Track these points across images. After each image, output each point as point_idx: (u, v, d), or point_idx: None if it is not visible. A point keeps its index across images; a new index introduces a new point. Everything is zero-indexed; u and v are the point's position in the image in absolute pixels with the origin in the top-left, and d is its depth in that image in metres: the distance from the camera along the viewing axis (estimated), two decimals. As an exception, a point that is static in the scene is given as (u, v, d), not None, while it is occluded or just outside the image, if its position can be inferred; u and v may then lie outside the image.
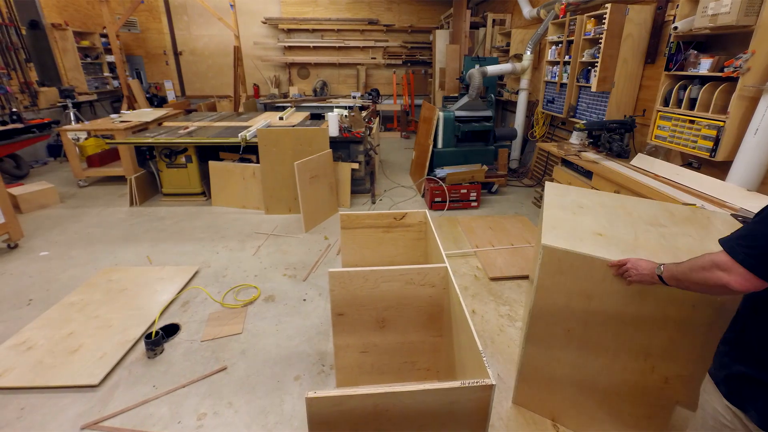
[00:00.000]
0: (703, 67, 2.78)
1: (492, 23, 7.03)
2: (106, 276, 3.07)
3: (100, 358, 2.23)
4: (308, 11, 9.07)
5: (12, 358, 2.22)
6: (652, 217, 1.89)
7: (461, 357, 1.59)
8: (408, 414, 1.20)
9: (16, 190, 4.38)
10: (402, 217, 2.45)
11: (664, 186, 2.88)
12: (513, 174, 5.78)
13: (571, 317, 1.63)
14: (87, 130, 5.15)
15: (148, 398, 2.00)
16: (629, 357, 1.62)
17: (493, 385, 1.18)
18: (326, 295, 2.92)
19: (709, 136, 2.70)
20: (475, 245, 3.58)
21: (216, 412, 1.94)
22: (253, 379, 2.14)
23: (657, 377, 1.62)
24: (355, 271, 1.79)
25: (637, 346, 1.59)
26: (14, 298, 2.85)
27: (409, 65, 9.49)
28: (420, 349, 2.03)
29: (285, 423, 1.89)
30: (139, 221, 4.20)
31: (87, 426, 1.85)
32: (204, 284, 3.03)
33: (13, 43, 6.03)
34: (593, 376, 1.71)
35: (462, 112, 4.95)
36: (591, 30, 4.02)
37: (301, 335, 2.50)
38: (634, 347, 1.59)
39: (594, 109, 4.21)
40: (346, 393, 1.12)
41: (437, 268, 1.84)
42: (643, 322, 1.54)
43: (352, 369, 2.03)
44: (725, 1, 2.43)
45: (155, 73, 9.34)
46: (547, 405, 1.88)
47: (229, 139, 4.41)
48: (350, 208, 4.60)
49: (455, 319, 1.69)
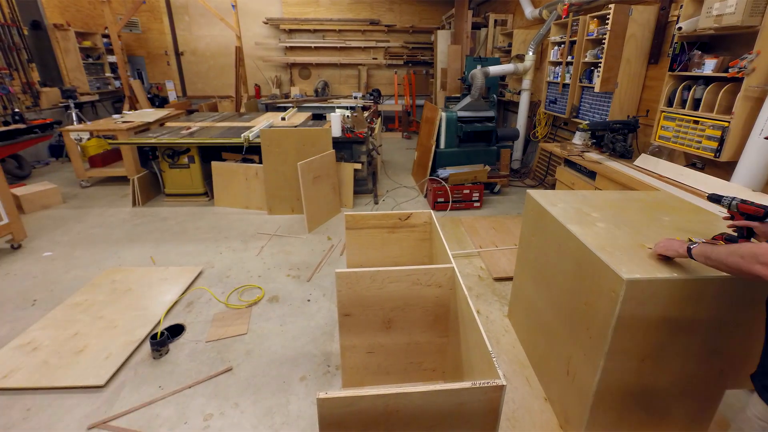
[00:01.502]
0: (707, 68, 2.78)
1: (494, 24, 7.03)
2: (110, 276, 3.07)
3: (106, 359, 2.23)
4: (309, 11, 9.07)
5: (17, 359, 2.22)
6: (648, 208, 1.96)
7: (469, 357, 1.59)
8: (418, 414, 1.20)
9: (19, 191, 4.38)
10: (407, 218, 2.45)
11: (668, 186, 2.88)
12: (515, 174, 5.78)
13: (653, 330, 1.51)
14: (90, 130, 5.15)
15: (155, 399, 2.00)
16: (694, 360, 1.57)
17: (504, 386, 1.18)
18: (330, 295, 2.92)
19: (714, 137, 2.70)
20: (478, 245, 3.58)
21: (222, 412, 1.94)
22: (259, 380, 2.14)
23: (713, 372, 1.59)
24: (362, 272, 1.79)
25: (706, 350, 1.55)
26: (18, 298, 2.85)
27: (411, 66, 9.49)
28: (426, 349, 2.03)
29: (292, 424, 1.89)
30: (142, 222, 4.20)
31: (94, 426, 1.84)
32: (208, 285, 3.03)
33: (15, 44, 6.03)
34: (654, 382, 1.61)
35: (464, 112, 4.95)
36: (594, 30, 4.02)
37: (305, 336, 2.50)
38: (703, 351, 1.55)
39: (597, 109, 4.21)
40: (357, 394, 1.12)
41: (444, 268, 1.84)
42: (716, 327, 1.51)
43: (358, 369, 2.03)
44: (730, 2, 2.43)
45: (156, 74, 9.35)
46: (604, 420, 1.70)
47: (231, 140, 4.41)
48: (353, 209, 4.60)
49: (462, 319, 1.69)
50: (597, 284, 1.54)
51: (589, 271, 1.60)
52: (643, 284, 1.39)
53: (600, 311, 1.53)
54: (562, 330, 1.84)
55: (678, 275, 1.41)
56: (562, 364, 1.83)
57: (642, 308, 1.43)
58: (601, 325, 1.51)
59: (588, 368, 1.61)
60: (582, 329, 1.65)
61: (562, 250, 1.85)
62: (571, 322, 1.75)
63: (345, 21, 9.06)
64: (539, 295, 2.12)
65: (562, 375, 1.83)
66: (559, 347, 1.88)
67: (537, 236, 2.15)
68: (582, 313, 1.65)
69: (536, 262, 2.17)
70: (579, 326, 1.68)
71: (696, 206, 2.07)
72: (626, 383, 1.58)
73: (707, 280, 1.41)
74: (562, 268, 1.84)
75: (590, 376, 1.58)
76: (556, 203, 2.08)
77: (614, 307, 1.43)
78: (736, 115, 2.54)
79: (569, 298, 1.78)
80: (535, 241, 2.17)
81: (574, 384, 1.73)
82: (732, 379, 1.61)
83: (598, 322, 1.54)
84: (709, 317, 1.49)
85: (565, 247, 1.80)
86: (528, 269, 2.29)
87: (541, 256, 2.10)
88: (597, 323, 1.55)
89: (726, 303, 1.46)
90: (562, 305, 1.86)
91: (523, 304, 2.39)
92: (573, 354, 1.74)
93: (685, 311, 1.46)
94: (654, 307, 1.44)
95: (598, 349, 1.53)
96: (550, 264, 1.98)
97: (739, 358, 1.56)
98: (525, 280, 2.34)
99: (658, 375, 1.58)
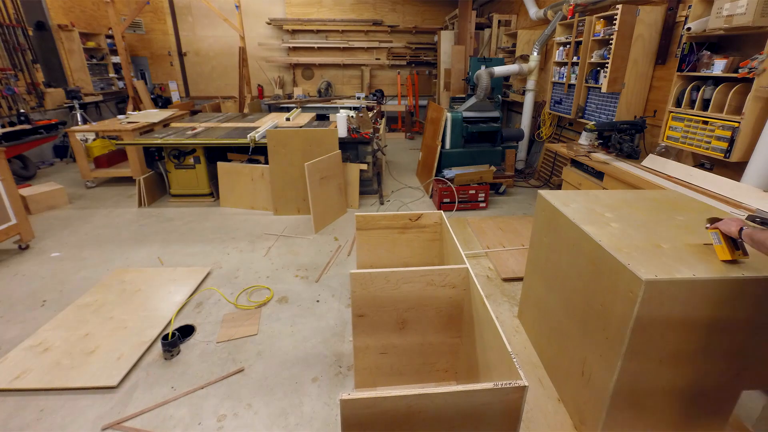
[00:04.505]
0: (717, 68, 2.78)
1: (497, 24, 7.03)
2: (119, 277, 3.07)
3: (118, 360, 2.23)
4: (313, 12, 9.08)
5: (29, 360, 2.22)
6: (661, 208, 1.97)
7: (485, 358, 1.58)
8: (440, 415, 1.20)
9: (25, 191, 4.38)
10: (417, 218, 2.45)
11: (677, 187, 2.87)
12: (519, 175, 5.78)
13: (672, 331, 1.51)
14: (95, 131, 5.15)
15: (168, 399, 2.00)
16: (712, 361, 1.57)
17: (526, 386, 1.18)
18: (339, 296, 2.92)
19: (724, 137, 2.70)
20: (486, 246, 3.58)
21: (236, 413, 1.94)
22: (271, 381, 2.14)
23: (731, 372, 1.59)
24: (376, 272, 1.79)
25: (726, 351, 1.55)
26: (28, 299, 2.85)
27: (414, 66, 9.50)
28: (439, 350, 2.03)
29: (305, 424, 1.89)
30: (148, 222, 4.20)
31: (108, 427, 1.84)
32: (217, 285, 3.03)
33: (20, 44, 6.03)
34: (672, 383, 1.61)
35: (470, 112, 4.95)
36: (600, 31, 4.01)
37: (316, 336, 2.50)
38: (723, 352, 1.55)
39: (603, 109, 4.20)
40: (380, 395, 1.12)
41: (458, 269, 1.84)
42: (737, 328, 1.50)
43: (371, 370, 2.02)
44: (741, 2, 2.43)
45: (160, 74, 9.35)
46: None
47: (237, 140, 4.41)
48: (359, 209, 4.60)
49: (478, 319, 1.68)
50: (614, 285, 1.54)
51: (606, 272, 1.60)
52: (661, 285, 1.39)
53: (617, 312, 1.53)
54: (576, 331, 1.84)
55: (697, 275, 1.41)
56: (577, 365, 1.83)
57: (661, 309, 1.43)
58: (619, 326, 1.51)
59: (605, 369, 1.60)
60: (598, 330, 1.65)
61: (576, 250, 1.84)
62: (586, 323, 1.75)
63: (348, 21, 9.06)
64: (551, 295, 2.12)
65: (577, 376, 1.83)
66: (572, 348, 1.88)
67: (549, 237, 2.15)
68: (598, 313, 1.65)
69: (548, 263, 2.16)
70: (594, 327, 1.68)
71: (708, 205, 2.07)
72: (644, 384, 1.58)
73: (728, 280, 1.41)
74: (577, 269, 1.84)
75: (607, 378, 1.58)
76: (568, 203, 2.08)
77: (632, 308, 1.43)
78: (746, 115, 2.54)
79: (584, 299, 1.77)
80: (547, 242, 2.17)
81: (589, 385, 1.73)
82: (749, 380, 1.61)
83: (615, 323, 1.53)
84: (730, 317, 1.48)
85: (579, 247, 1.80)
86: (539, 270, 2.29)
87: (553, 256, 2.10)
88: (614, 324, 1.54)
89: (749, 303, 1.46)
90: (576, 306, 1.85)
91: (534, 305, 2.39)
92: (588, 355, 1.73)
93: (706, 312, 1.46)
94: (673, 308, 1.44)
95: (615, 351, 1.53)
96: (563, 265, 1.98)
97: (759, 359, 1.56)
98: (536, 280, 2.34)
99: (676, 376, 1.58)
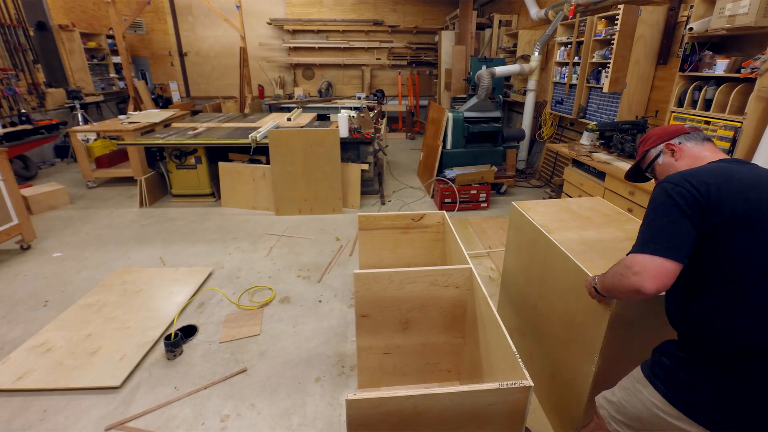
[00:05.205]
0: (719, 68, 2.78)
1: (498, 24, 7.03)
2: (121, 277, 3.07)
3: (120, 360, 2.23)
4: (313, 12, 9.08)
5: (32, 360, 2.22)
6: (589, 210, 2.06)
7: (489, 358, 1.58)
8: (445, 416, 1.20)
9: (26, 191, 4.38)
10: (420, 218, 2.45)
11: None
12: (521, 175, 5.78)
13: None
14: (96, 131, 5.16)
15: (171, 399, 2.00)
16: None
17: (531, 386, 1.18)
18: (341, 296, 2.92)
19: (726, 137, 2.70)
20: (487, 246, 3.58)
21: (239, 413, 1.94)
22: (274, 381, 2.14)
23: None
24: (380, 273, 1.79)
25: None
26: (30, 299, 2.85)
27: (414, 66, 9.50)
28: (442, 350, 2.03)
29: (309, 425, 1.89)
30: (149, 222, 4.20)
31: (112, 427, 1.84)
32: (219, 285, 3.03)
33: (21, 44, 6.04)
34: None
35: (471, 113, 4.95)
36: (602, 31, 4.02)
37: (318, 337, 2.50)
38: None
39: (605, 109, 4.20)
40: (386, 395, 1.12)
41: (461, 269, 1.84)
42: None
43: (374, 371, 2.02)
44: (743, 2, 2.43)
45: (160, 74, 9.36)
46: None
47: (239, 140, 4.41)
48: (360, 210, 4.60)
49: (482, 320, 1.68)
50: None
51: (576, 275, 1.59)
52: None
53: (591, 315, 1.51)
54: (551, 331, 1.84)
55: None
56: (550, 367, 1.84)
57: (633, 309, 1.42)
58: (593, 329, 1.49)
59: (581, 371, 1.60)
60: (573, 333, 1.65)
61: (542, 256, 1.86)
62: (562, 324, 1.74)
63: (349, 22, 9.06)
64: (528, 296, 2.12)
65: (553, 377, 1.84)
66: (548, 349, 1.88)
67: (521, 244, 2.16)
68: (572, 315, 1.65)
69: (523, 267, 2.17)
70: (569, 329, 1.67)
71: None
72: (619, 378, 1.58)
73: None
74: (550, 272, 1.84)
75: (584, 379, 1.57)
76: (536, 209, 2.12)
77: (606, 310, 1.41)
78: (748, 115, 2.54)
79: (558, 300, 1.77)
80: (517, 247, 2.19)
81: (566, 386, 1.73)
82: None
83: (590, 326, 1.52)
84: None
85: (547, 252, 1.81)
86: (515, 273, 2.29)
87: (525, 262, 2.11)
88: (588, 327, 1.53)
89: None
90: (552, 307, 1.84)
91: (510, 306, 2.38)
92: (564, 356, 1.73)
93: None
94: (645, 308, 1.43)
95: (590, 352, 1.51)
96: (536, 268, 1.98)
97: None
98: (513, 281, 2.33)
99: None
